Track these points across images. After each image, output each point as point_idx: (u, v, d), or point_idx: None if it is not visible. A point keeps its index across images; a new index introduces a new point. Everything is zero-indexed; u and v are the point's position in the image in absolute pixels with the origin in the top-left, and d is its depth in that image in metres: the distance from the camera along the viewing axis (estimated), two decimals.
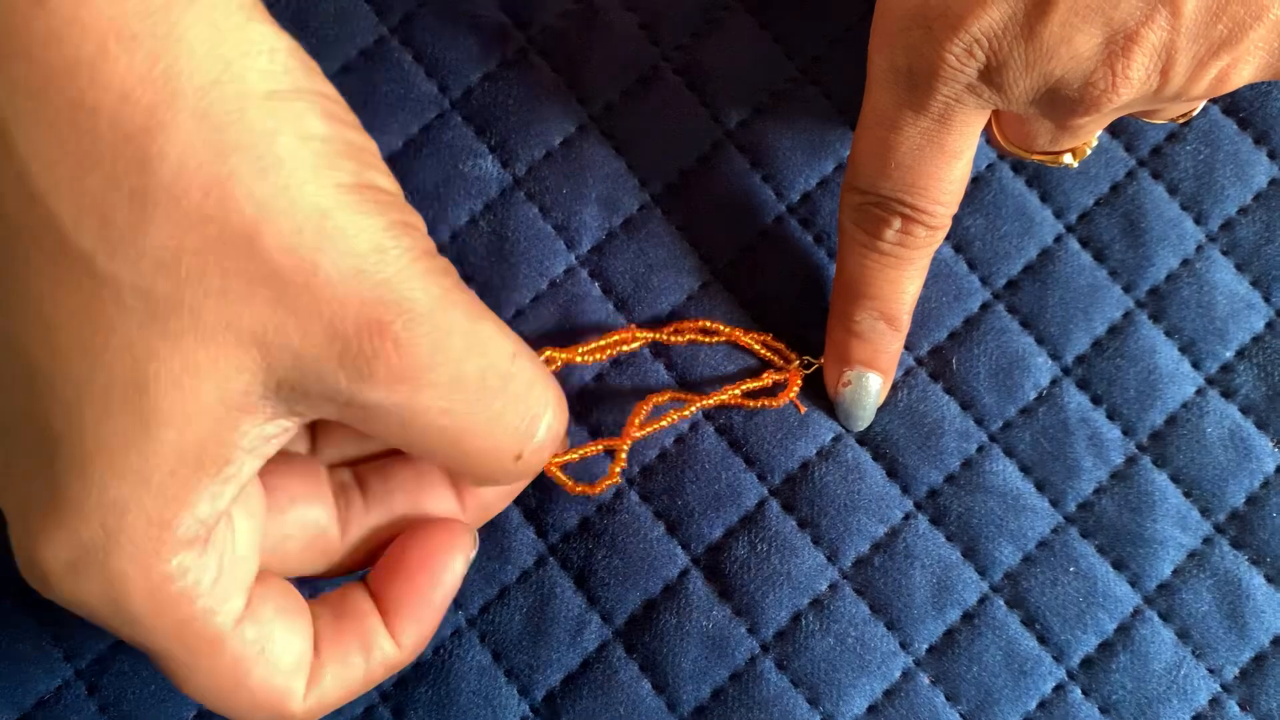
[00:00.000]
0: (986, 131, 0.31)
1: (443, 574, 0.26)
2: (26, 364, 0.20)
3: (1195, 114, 0.32)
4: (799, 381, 0.33)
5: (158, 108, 0.19)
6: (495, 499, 0.28)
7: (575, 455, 0.30)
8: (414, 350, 0.22)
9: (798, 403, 0.33)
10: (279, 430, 0.22)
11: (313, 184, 0.21)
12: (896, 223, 0.30)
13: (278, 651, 0.24)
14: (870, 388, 0.32)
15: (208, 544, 0.22)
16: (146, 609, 0.22)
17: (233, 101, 0.20)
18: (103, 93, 0.19)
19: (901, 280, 0.31)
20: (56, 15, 0.19)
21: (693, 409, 0.32)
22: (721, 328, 0.33)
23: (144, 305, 0.20)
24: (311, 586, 0.30)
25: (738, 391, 0.32)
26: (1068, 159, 0.31)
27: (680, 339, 0.33)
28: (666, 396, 0.32)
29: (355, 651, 0.25)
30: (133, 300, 0.20)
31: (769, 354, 0.33)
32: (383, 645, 0.26)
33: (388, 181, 0.23)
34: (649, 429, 0.31)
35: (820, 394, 0.33)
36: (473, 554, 0.27)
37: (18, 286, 0.20)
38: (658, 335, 0.33)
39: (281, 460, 0.26)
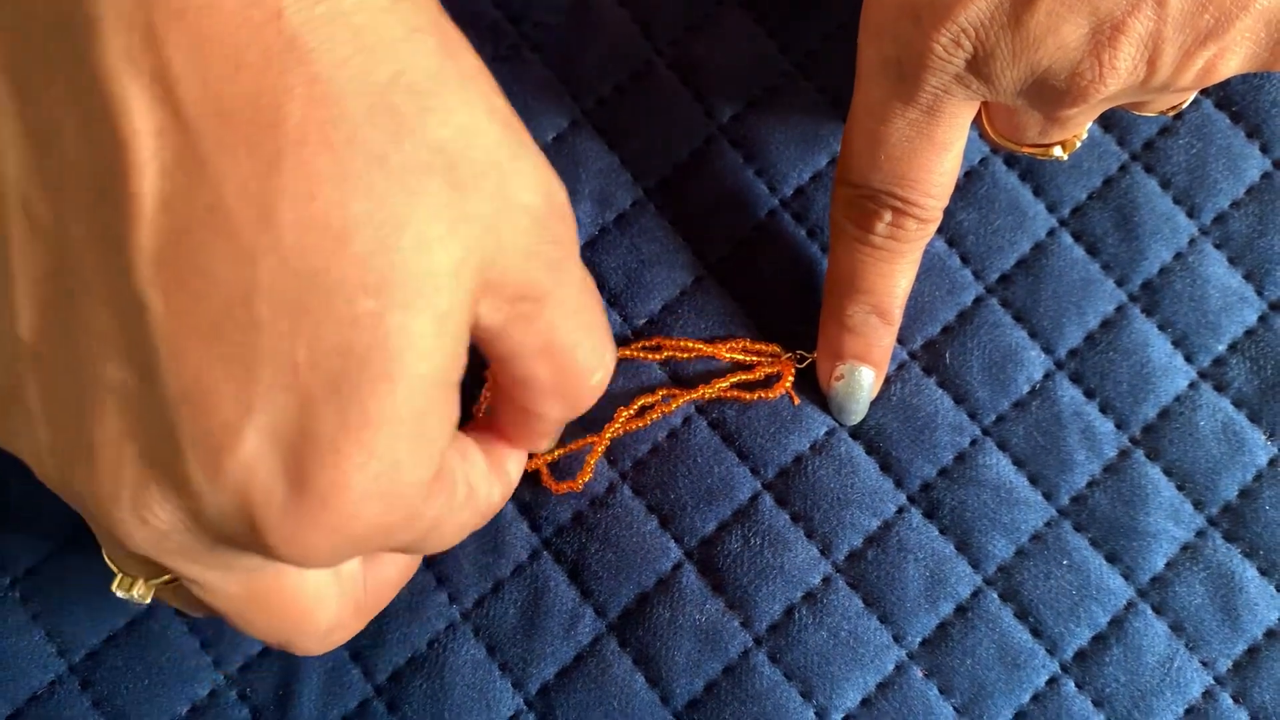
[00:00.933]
0: (977, 124, 0.31)
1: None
2: (315, 281, 0.20)
3: (1185, 106, 0.32)
4: (792, 373, 0.33)
5: (423, 21, 0.21)
6: (516, 475, 0.29)
7: (558, 451, 0.30)
8: (571, 243, 0.23)
9: (792, 393, 0.33)
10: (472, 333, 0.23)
11: (504, 102, 0.23)
12: (887, 215, 0.30)
13: (480, 468, 0.26)
14: (863, 382, 0.32)
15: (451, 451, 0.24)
16: (434, 499, 0.23)
17: (456, 37, 0.22)
18: None
19: (893, 273, 0.31)
20: None
21: (682, 401, 0.32)
22: (694, 344, 0.33)
23: (431, 195, 0.20)
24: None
25: (730, 384, 0.32)
26: (1057, 151, 0.31)
27: (656, 356, 0.33)
28: (659, 394, 0.32)
29: (511, 458, 0.27)
30: (420, 191, 0.20)
31: (750, 357, 0.33)
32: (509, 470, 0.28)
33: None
34: (632, 425, 0.31)
35: (814, 388, 0.33)
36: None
37: (302, 196, 0.19)
38: (631, 353, 0.33)
39: None
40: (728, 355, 0.33)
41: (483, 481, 0.25)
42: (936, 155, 0.29)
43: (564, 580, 0.32)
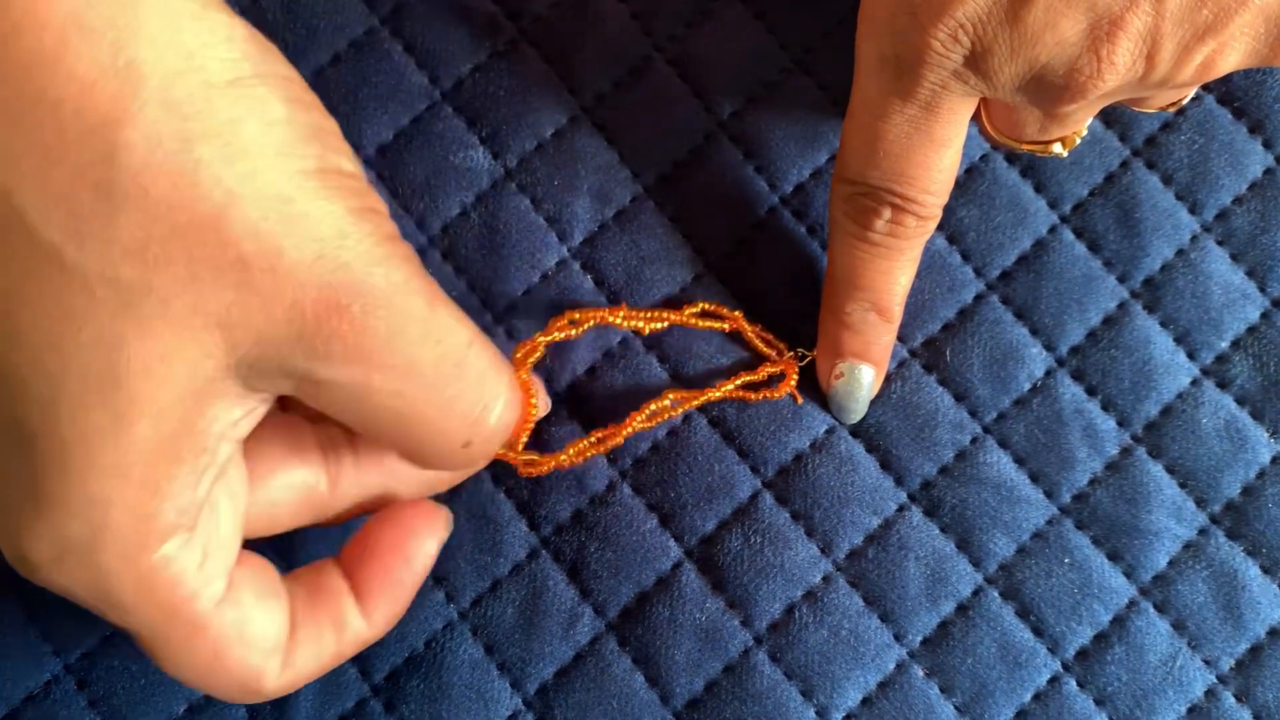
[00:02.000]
0: (976, 122, 0.31)
1: (414, 556, 0.27)
2: None
3: (1185, 102, 0.31)
4: (795, 373, 0.33)
5: (122, 99, 0.20)
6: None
7: (563, 460, 0.30)
8: (370, 333, 0.22)
9: (795, 393, 0.33)
10: (245, 411, 0.23)
11: (276, 170, 0.21)
12: (886, 213, 0.30)
13: (255, 632, 0.24)
14: (863, 380, 0.32)
15: (192, 531, 0.23)
16: (133, 597, 0.22)
17: (197, 90, 0.20)
18: (65, 85, 0.19)
19: (893, 271, 0.31)
20: (14, 8, 0.19)
21: (688, 406, 0.32)
22: (727, 312, 0.33)
23: (114, 295, 0.20)
24: (288, 562, 0.30)
25: (736, 385, 0.32)
26: (1058, 148, 0.31)
27: (685, 320, 0.33)
28: (667, 399, 0.31)
29: (328, 629, 0.26)
30: (102, 290, 0.20)
31: (764, 347, 0.33)
32: (354, 623, 0.27)
33: (350, 164, 0.23)
34: (628, 428, 0.31)
35: (814, 386, 0.33)
36: (446, 535, 0.28)
37: None
38: (658, 318, 0.32)
39: (264, 424, 0.26)
40: (748, 329, 0.33)
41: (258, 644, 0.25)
42: (935, 152, 0.29)
43: (563, 579, 0.32)
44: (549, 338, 0.31)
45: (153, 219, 0.20)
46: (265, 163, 0.21)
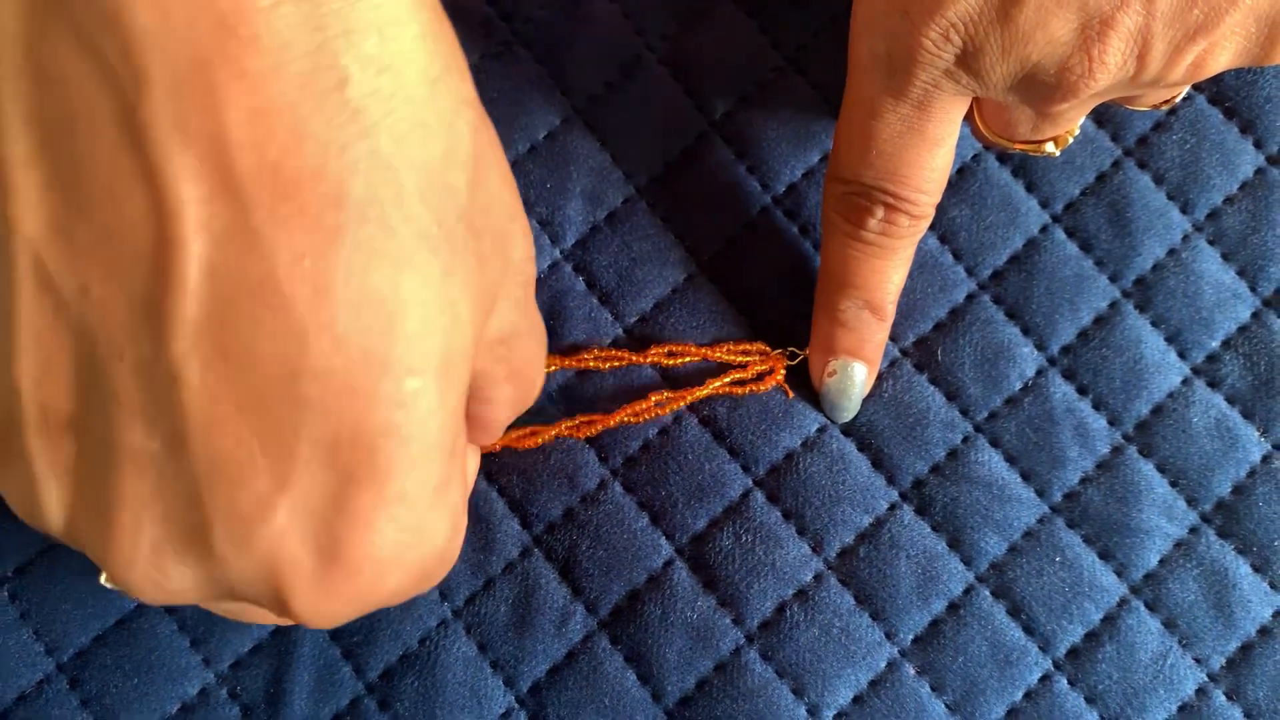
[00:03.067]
0: (969, 121, 0.31)
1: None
2: (365, 361, 0.20)
3: (1178, 100, 0.32)
4: (783, 369, 0.33)
5: (469, 93, 0.22)
6: (472, 473, 0.30)
7: (549, 434, 0.32)
8: (534, 270, 0.26)
9: (786, 387, 0.33)
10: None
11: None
12: (880, 212, 0.30)
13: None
14: (855, 377, 0.32)
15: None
16: (449, 555, 0.23)
17: (481, 108, 0.22)
18: (441, 69, 0.21)
19: (886, 269, 0.31)
20: (398, 1, 0.20)
21: (674, 407, 0.32)
22: (690, 348, 0.33)
23: (465, 270, 0.21)
24: None
25: (724, 382, 0.32)
26: (1050, 148, 0.31)
27: (644, 359, 0.33)
28: (651, 400, 0.32)
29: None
30: (457, 268, 0.21)
31: (741, 357, 0.33)
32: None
33: None
34: (612, 421, 0.32)
35: (806, 384, 0.33)
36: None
37: (357, 274, 0.19)
38: (628, 358, 0.33)
39: None
40: (718, 358, 0.33)
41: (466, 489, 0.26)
42: (928, 151, 0.29)
43: (555, 578, 0.32)
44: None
45: (479, 195, 0.21)
46: (506, 167, 0.23)
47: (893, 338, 0.33)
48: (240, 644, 0.32)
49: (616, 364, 0.33)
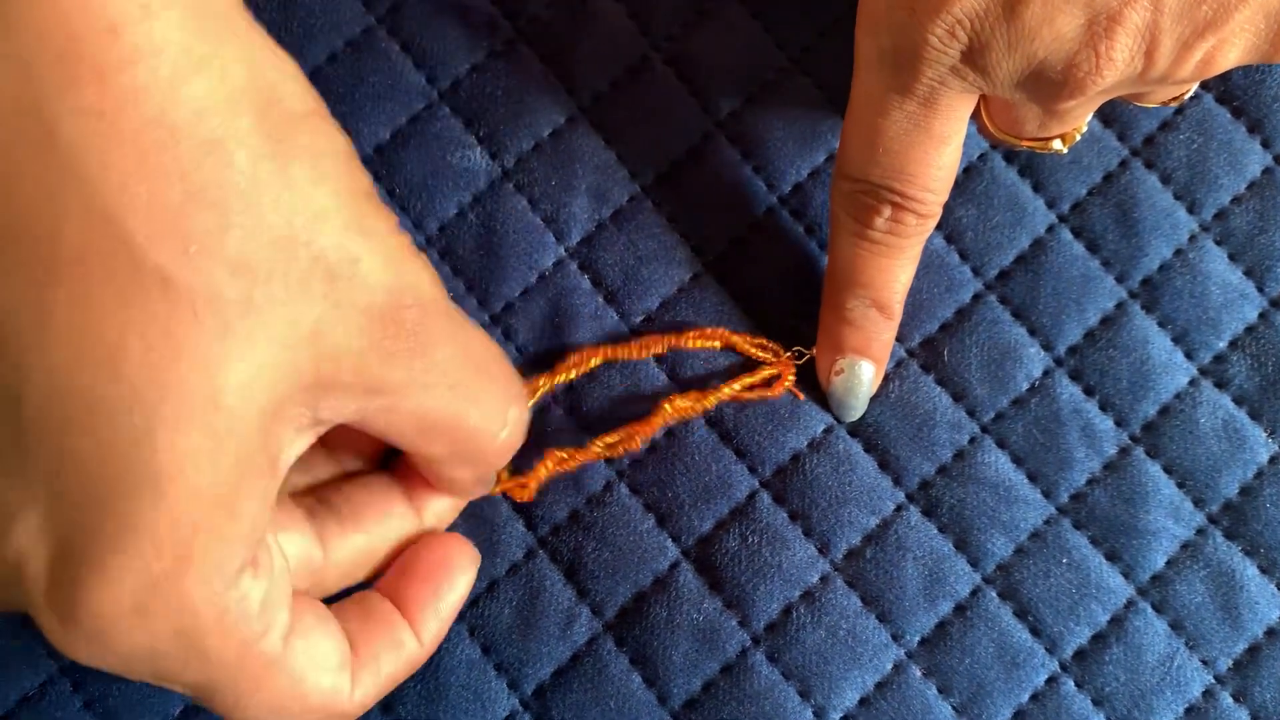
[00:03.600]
0: (976, 119, 0.31)
1: (457, 575, 0.28)
2: (80, 397, 0.20)
3: (1187, 97, 0.31)
4: (792, 372, 0.33)
5: (232, 120, 0.21)
6: (447, 512, 0.29)
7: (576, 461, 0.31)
8: (428, 329, 0.23)
9: (795, 390, 0.33)
10: (302, 442, 0.23)
11: (350, 190, 0.22)
12: (887, 210, 0.30)
13: (324, 656, 0.24)
14: (863, 376, 0.32)
15: (258, 563, 0.22)
16: (216, 640, 0.21)
17: (283, 119, 0.21)
18: (180, 109, 0.20)
19: (893, 268, 0.31)
20: (127, 41, 0.20)
21: (683, 416, 0.32)
22: (713, 331, 0.33)
23: (216, 315, 0.20)
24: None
25: (736, 388, 0.32)
26: (1057, 145, 0.31)
27: (668, 345, 0.33)
28: (666, 408, 0.32)
29: (386, 648, 0.26)
30: (205, 311, 0.20)
31: (759, 353, 0.33)
32: (408, 642, 0.27)
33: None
34: (633, 445, 0.32)
35: (814, 384, 0.33)
36: (477, 564, 0.29)
37: (76, 315, 0.20)
38: (650, 349, 0.33)
39: None
40: (738, 342, 0.33)
41: (322, 671, 0.24)
42: (935, 149, 0.29)
43: (560, 579, 0.32)
44: (553, 380, 0.32)
45: (256, 234, 0.20)
46: (342, 184, 0.22)
47: (899, 338, 0.33)
48: None
49: (653, 351, 0.33)
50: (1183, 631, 0.32)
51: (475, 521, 0.32)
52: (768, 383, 0.33)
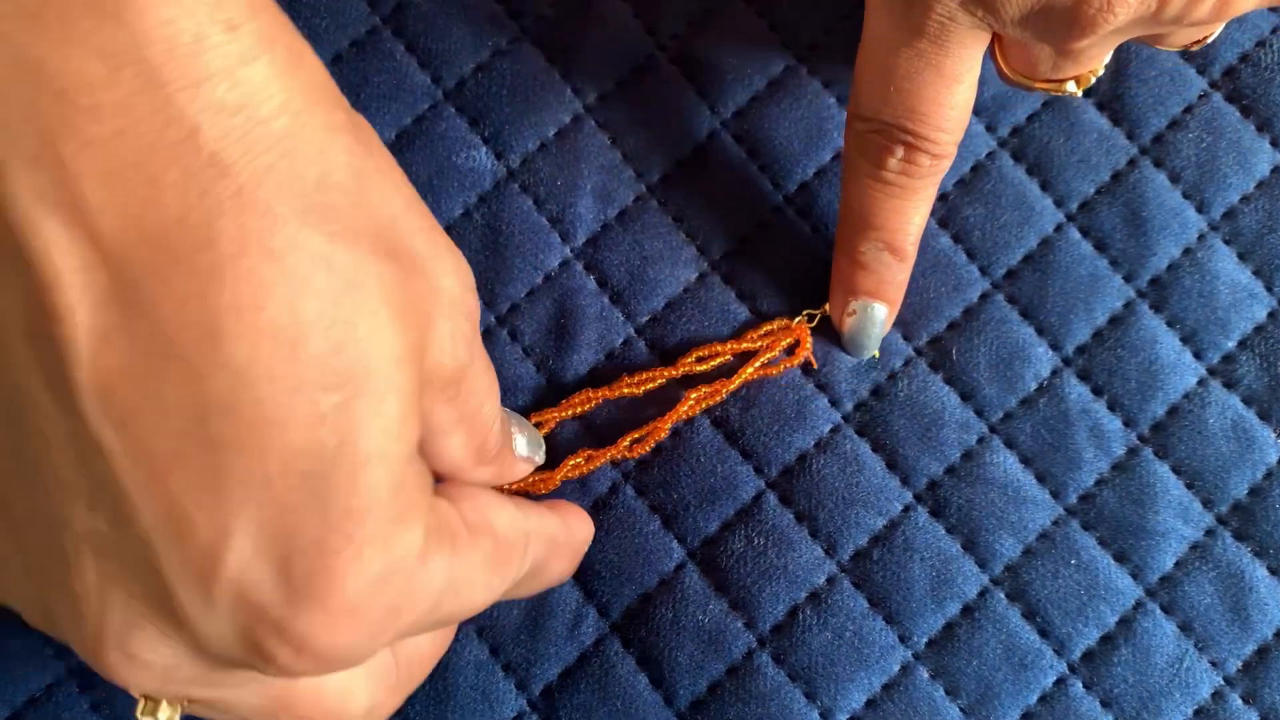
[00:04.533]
0: (992, 60, 0.31)
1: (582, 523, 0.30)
2: (273, 386, 0.19)
3: (1210, 39, 0.31)
4: (809, 338, 0.33)
5: (336, 111, 0.21)
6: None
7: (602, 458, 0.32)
8: (478, 307, 0.24)
9: (812, 359, 0.33)
10: None
11: (412, 189, 0.23)
12: (899, 151, 0.29)
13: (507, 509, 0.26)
14: (876, 317, 0.32)
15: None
16: (446, 560, 0.22)
17: (351, 114, 0.22)
18: (298, 100, 0.20)
19: (906, 210, 0.31)
20: (245, 34, 0.20)
21: (715, 400, 0.32)
22: (717, 346, 0.33)
23: (374, 290, 0.20)
24: None
25: (756, 366, 0.32)
26: (1071, 87, 0.30)
27: (676, 372, 0.33)
28: (690, 398, 0.32)
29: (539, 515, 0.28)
30: (368, 285, 0.20)
31: (769, 338, 0.33)
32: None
33: None
34: (659, 434, 0.32)
35: (821, 369, 0.33)
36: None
37: (246, 302, 0.19)
38: (665, 375, 0.33)
39: None
40: (746, 347, 0.33)
41: (498, 511, 0.25)
42: (947, 88, 0.28)
43: (567, 581, 0.32)
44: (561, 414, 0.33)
45: (379, 217, 0.21)
46: (406, 183, 0.23)
47: (906, 337, 0.33)
48: None
49: (651, 385, 0.33)
50: (1192, 633, 0.31)
51: None
52: (787, 352, 0.33)
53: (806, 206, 0.34)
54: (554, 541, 0.28)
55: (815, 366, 0.33)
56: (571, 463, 0.32)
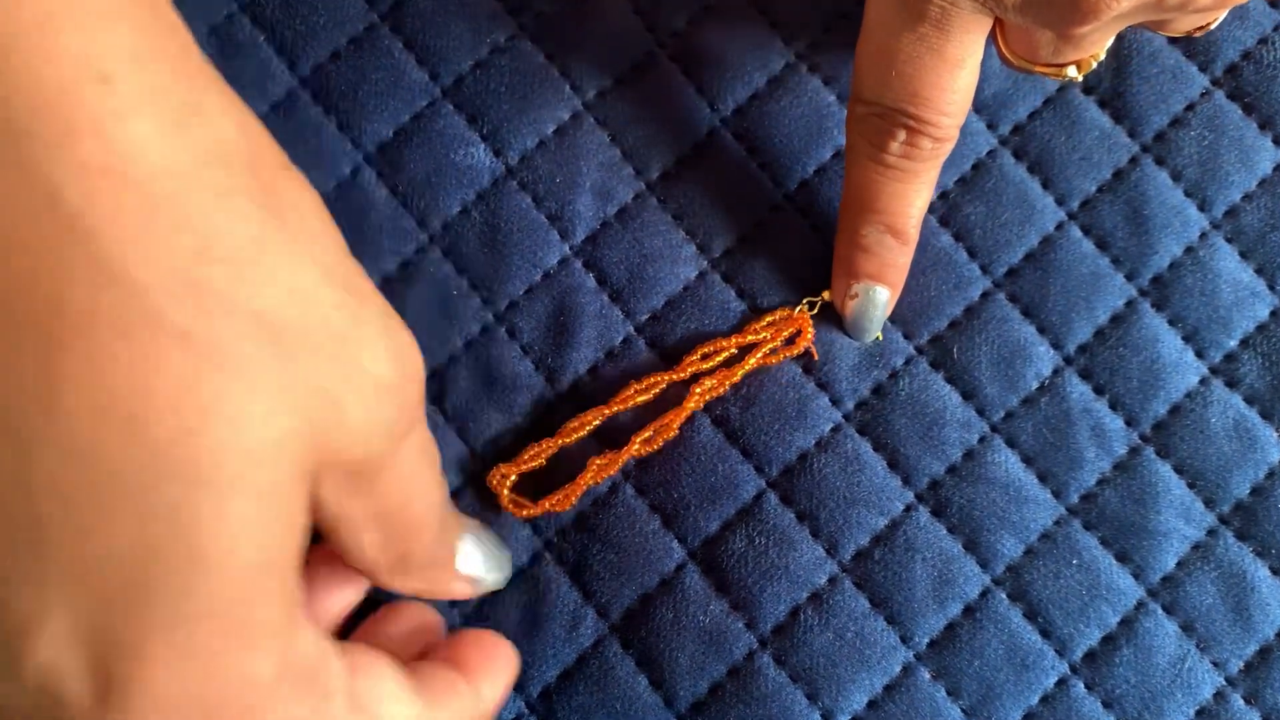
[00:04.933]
0: (994, 44, 0.30)
1: (503, 665, 0.27)
2: (102, 470, 0.18)
3: (1214, 26, 0.30)
4: (810, 326, 0.33)
5: (233, 171, 0.20)
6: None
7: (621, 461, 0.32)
8: (418, 407, 0.22)
9: (813, 349, 0.33)
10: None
11: (339, 243, 0.22)
12: (901, 134, 0.29)
13: (391, 688, 0.23)
14: (878, 300, 0.32)
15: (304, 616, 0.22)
16: (288, 700, 0.20)
17: (271, 171, 0.21)
18: (184, 159, 0.19)
19: (908, 194, 0.31)
20: (122, 90, 0.18)
21: (722, 390, 0.32)
22: (720, 341, 0.33)
23: (241, 370, 0.19)
24: None
25: (758, 357, 0.32)
26: (1071, 72, 0.30)
27: (684, 374, 0.33)
28: (704, 396, 0.32)
29: (445, 690, 0.25)
30: (230, 367, 0.19)
31: (772, 329, 0.33)
32: (466, 691, 0.25)
33: None
34: (667, 434, 0.32)
35: (822, 364, 0.33)
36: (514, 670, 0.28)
37: (89, 379, 0.18)
38: (671, 377, 0.33)
39: None
40: (750, 340, 0.33)
41: (394, 702, 0.23)
42: (949, 72, 0.28)
43: (566, 582, 0.32)
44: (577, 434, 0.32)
45: (269, 287, 0.19)
46: (330, 240, 0.21)
47: (907, 335, 0.33)
48: None
49: (659, 389, 0.32)
50: (1194, 633, 0.31)
51: (482, 521, 0.32)
52: (789, 341, 0.33)
53: (807, 204, 0.34)
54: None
55: (815, 357, 0.33)
56: (592, 469, 0.31)
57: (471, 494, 0.32)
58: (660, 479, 0.32)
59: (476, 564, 0.28)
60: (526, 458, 0.32)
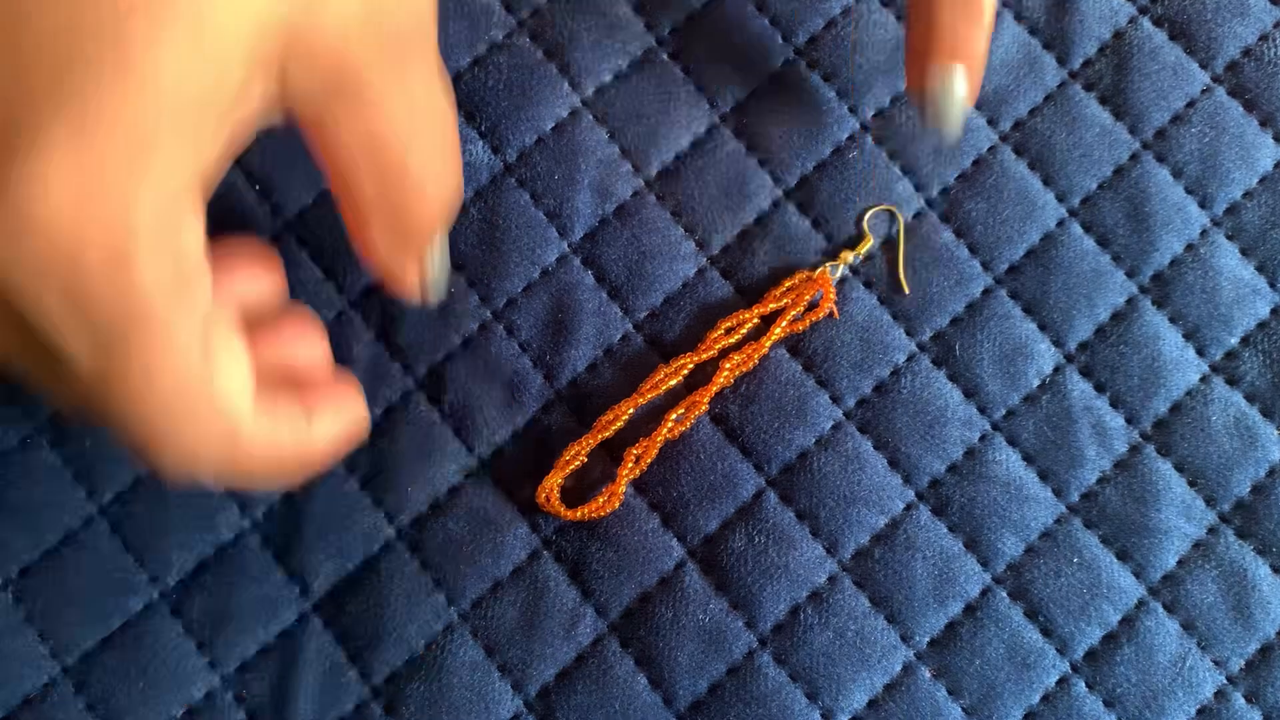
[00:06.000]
0: None
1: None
2: None
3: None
4: (831, 288, 0.33)
5: None
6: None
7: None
8: (419, 40, 0.22)
9: (834, 309, 0.33)
10: (264, 111, 0.21)
11: None
12: None
13: (238, 362, 0.22)
14: (957, 79, 0.30)
15: (199, 210, 0.20)
16: (147, 267, 0.19)
17: None
18: None
19: None
20: None
21: (751, 365, 0.32)
22: (742, 313, 0.33)
23: None
24: None
25: (783, 325, 0.32)
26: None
27: (713, 351, 0.32)
28: (733, 371, 0.32)
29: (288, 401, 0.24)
30: None
31: (793, 293, 0.33)
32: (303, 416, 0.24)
33: None
34: (685, 422, 0.32)
35: (826, 357, 0.33)
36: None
37: None
38: (698, 358, 0.32)
39: None
40: (772, 308, 0.33)
41: (235, 361, 0.21)
42: None
43: (564, 580, 0.32)
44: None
45: None
46: None
47: (909, 332, 0.33)
48: (246, 647, 0.31)
49: (687, 370, 0.32)
50: (1194, 631, 0.31)
51: (478, 522, 0.32)
52: (811, 306, 0.33)
53: (806, 202, 0.34)
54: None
55: (837, 316, 0.33)
56: (632, 457, 0.31)
57: (471, 492, 0.32)
58: (659, 477, 0.32)
59: (436, 265, 0.26)
60: (568, 459, 0.32)
